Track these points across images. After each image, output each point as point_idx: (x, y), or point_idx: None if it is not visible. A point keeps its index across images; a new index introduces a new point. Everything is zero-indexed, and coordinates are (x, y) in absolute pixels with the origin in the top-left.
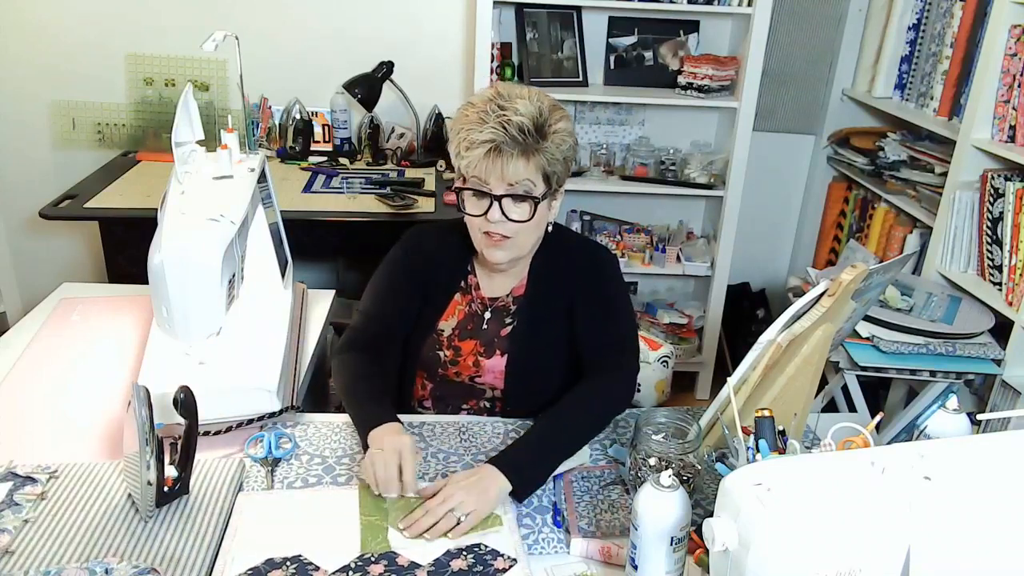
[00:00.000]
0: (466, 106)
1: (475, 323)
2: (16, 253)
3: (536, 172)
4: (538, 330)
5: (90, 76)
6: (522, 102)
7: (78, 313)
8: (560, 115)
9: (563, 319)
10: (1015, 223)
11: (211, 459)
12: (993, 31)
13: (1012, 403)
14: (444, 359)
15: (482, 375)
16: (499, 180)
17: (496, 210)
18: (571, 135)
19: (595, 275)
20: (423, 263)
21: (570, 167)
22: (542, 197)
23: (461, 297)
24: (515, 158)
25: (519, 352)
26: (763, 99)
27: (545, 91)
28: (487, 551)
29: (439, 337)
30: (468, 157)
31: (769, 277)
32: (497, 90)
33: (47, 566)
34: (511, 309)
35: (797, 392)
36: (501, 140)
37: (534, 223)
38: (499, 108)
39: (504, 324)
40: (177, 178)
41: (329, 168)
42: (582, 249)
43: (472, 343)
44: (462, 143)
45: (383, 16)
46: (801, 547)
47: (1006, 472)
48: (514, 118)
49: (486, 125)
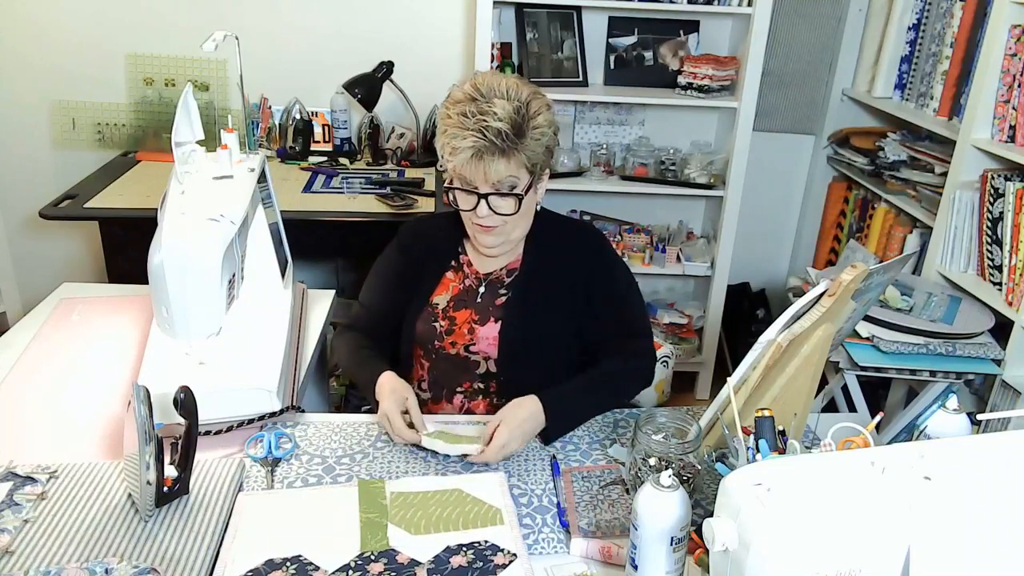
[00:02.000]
0: (447, 104)
1: (470, 296)
2: (16, 253)
3: (518, 168)
4: (533, 300)
5: (90, 76)
6: (500, 102)
7: (78, 313)
8: (538, 106)
9: (563, 296)
10: (1015, 223)
11: (211, 459)
12: (993, 31)
13: (1012, 403)
14: (440, 330)
15: (476, 343)
16: (483, 180)
17: (484, 206)
18: (551, 125)
19: (601, 266)
20: (414, 252)
21: (553, 152)
22: (526, 189)
23: (454, 275)
24: (496, 160)
25: (513, 319)
26: (763, 99)
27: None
28: (487, 546)
29: (434, 310)
30: (453, 161)
31: (769, 277)
32: (476, 85)
33: (47, 566)
34: (505, 281)
35: (797, 392)
36: (481, 146)
37: (521, 212)
38: (478, 112)
39: (498, 295)
40: (177, 178)
41: (329, 168)
42: (576, 230)
43: (467, 312)
44: (446, 147)
45: (383, 16)
46: (801, 547)
47: (1006, 472)
48: (492, 124)
49: (467, 131)
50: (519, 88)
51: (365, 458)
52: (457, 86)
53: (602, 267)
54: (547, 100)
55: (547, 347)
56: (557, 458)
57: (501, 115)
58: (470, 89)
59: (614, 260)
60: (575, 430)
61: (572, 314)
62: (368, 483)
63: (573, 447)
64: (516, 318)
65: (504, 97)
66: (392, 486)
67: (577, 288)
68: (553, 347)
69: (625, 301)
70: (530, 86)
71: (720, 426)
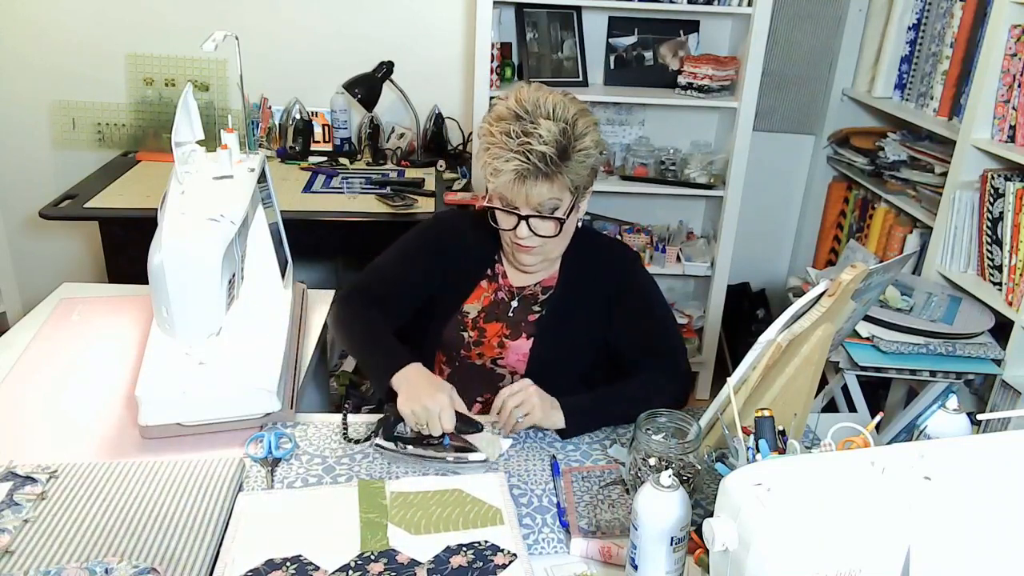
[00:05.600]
0: (490, 120)
1: (501, 309)
2: (16, 253)
3: (561, 191)
4: (567, 320)
5: (90, 76)
6: (546, 123)
7: (78, 313)
8: (586, 126)
9: (593, 315)
10: (1015, 223)
11: (211, 459)
12: (993, 31)
13: (1012, 403)
14: (468, 340)
15: (505, 357)
16: (525, 203)
17: (524, 228)
18: (597, 145)
19: (629, 278)
20: (451, 246)
21: (597, 172)
22: (568, 211)
23: (487, 284)
24: (539, 183)
25: (546, 336)
26: (763, 99)
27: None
28: (487, 546)
29: (464, 319)
30: (495, 182)
31: (769, 277)
32: (521, 102)
33: (47, 566)
34: (539, 298)
35: (797, 392)
36: (524, 169)
37: (562, 234)
38: (522, 133)
39: (531, 311)
40: (177, 178)
41: (329, 168)
42: (609, 249)
43: (498, 326)
44: (488, 167)
45: (383, 16)
46: (801, 547)
47: (1006, 472)
48: (537, 147)
49: (510, 153)
50: (566, 107)
51: (365, 458)
52: (501, 99)
53: (632, 285)
54: (594, 118)
55: (575, 365)
56: (557, 458)
57: (547, 138)
58: (515, 105)
59: (645, 279)
60: None
61: (602, 332)
62: (368, 483)
63: (573, 447)
64: (549, 336)
65: (550, 117)
66: (392, 486)
67: (607, 306)
68: (581, 365)
69: (655, 319)
70: (577, 103)
71: (720, 426)
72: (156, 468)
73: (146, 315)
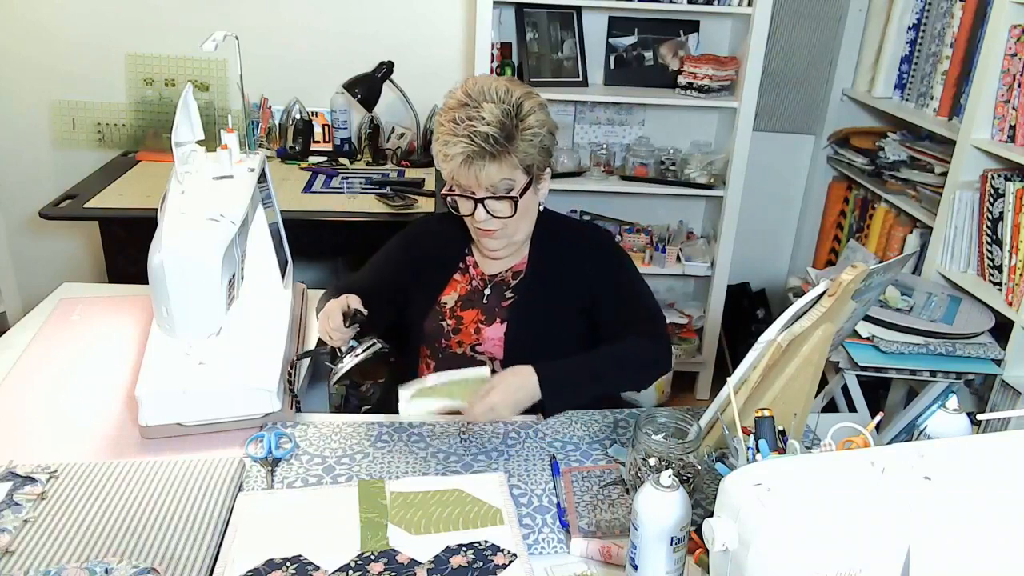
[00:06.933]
0: (440, 111)
1: (476, 296)
2: (16, 253)
3: (512, 170)
4: (538, 303)
5: (90, 76)
6: (488, 106)
7: (78, 313)
8: (531, 107)
9: (569, 297)
10: (1015, 223)
11: (211, 459)
12: (993, 31)
13: (1012, 403)
14: (447, 329)
15: (483, 343)
16: (477, 185)
17: (481, 211)
18: (544, 125)
19: (607, 262)
20: (421, 247)
21: (551, 152)
22: (523, 191)
23: (461, 276)
24: (487, 164)
25: (518, 321)
26: (763, 99)
27: (538, 90)
28: (487, 546)
29: (441, 309)
30: (447, 167)
31: (769, 277)
32: (467, 91)
33: (47, 566)
34: (511, 283)
35: (797, 392)
36: (471, 151)
37: (520, 214)
38: (466, 118)
39: (504, 297)
40: (177, 178)
41: (329, 168)
42: (581, 231)
43: (474, 312)
44: (439, 154)
45: (383, 16)
46: (801, 547)
47: (1006, 472)
48: (480, 128)
49: (456, 137)
50: (510, 90)
51: (365, 458)
52: (451, 92)
53: (608, 265)
54: (540, 100)
55: (553, 348)
56: (557, 458)
57: (489, 119)
58: (461, 95)
59: (621, 257)
60: (576, 429)
61: (579, 315)
62: (368, 483)
63: (573, 447)
64: (521, 320)
65: (493, 100)
66: (392, 486)
67: (584, 288)
68: (559, 348)
69: (633, 293)
70: (523, 87)
71: (720, 426)
72: (156, 468)
73: (146, 315)
